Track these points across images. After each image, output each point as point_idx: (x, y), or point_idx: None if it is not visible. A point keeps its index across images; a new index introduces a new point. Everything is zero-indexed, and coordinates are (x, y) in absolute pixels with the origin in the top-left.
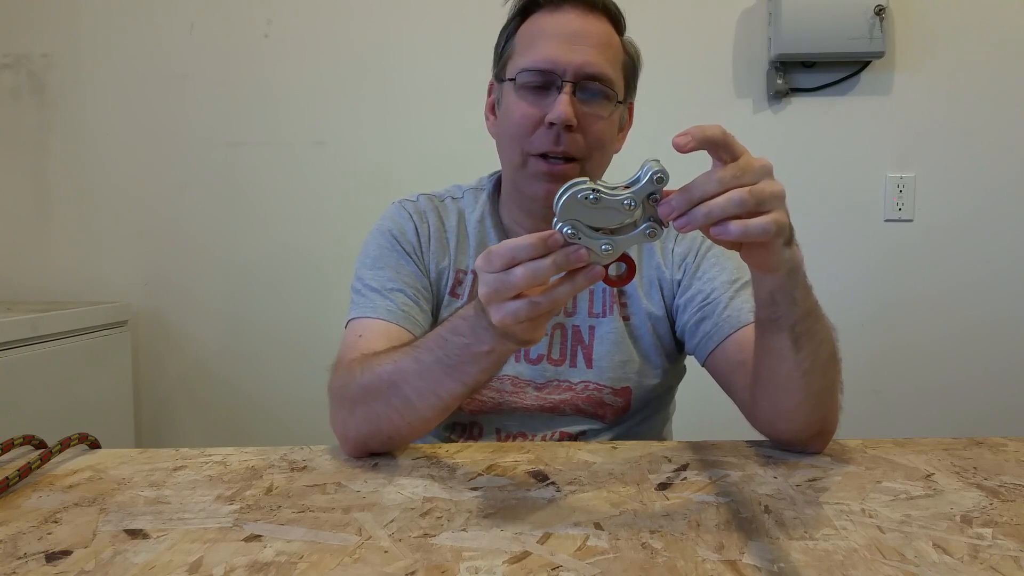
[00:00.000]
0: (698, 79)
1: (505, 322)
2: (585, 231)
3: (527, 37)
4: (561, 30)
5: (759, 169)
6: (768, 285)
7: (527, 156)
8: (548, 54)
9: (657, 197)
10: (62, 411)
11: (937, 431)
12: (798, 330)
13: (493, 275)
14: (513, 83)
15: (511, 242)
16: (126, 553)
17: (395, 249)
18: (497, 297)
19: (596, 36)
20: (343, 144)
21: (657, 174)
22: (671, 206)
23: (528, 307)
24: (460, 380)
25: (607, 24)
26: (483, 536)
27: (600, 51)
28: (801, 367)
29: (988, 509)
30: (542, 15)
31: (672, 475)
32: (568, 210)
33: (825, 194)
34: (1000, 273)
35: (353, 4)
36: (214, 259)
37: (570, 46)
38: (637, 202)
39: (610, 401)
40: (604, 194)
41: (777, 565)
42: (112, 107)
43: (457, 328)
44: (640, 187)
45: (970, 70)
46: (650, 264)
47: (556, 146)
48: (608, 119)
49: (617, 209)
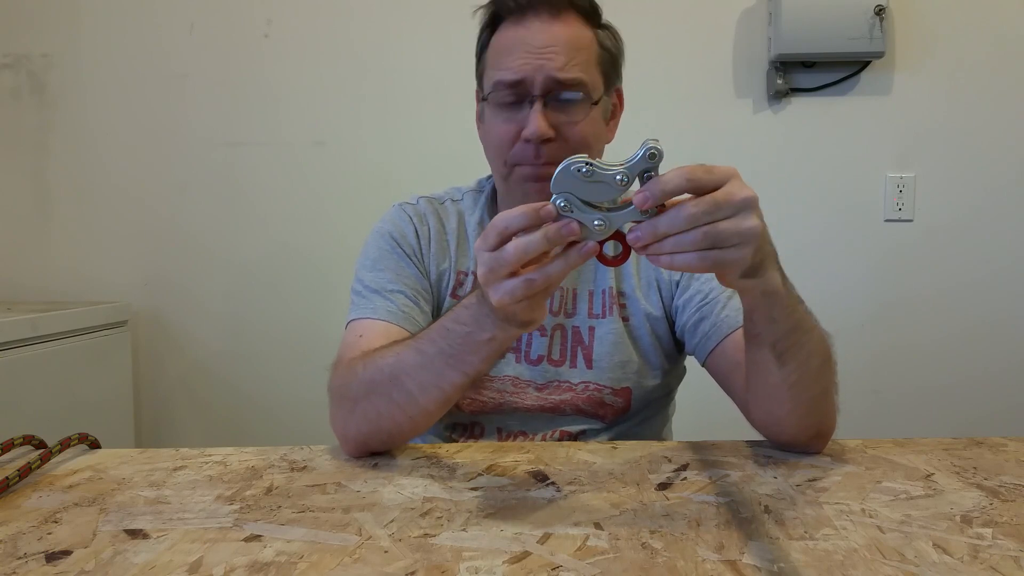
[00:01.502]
0: (698, 79)
1: (503, 302)
2: (578, 205)
3: (495, 52)
4: (526, 42)
5: (737, 204)
6: (745, 303)
7: (512, 166)
8: (514, 70)
9: (652, 174)
10: (62, 411)
11: (937, 431)
12: (780, 347)
13: (488, 254)
14: (488, 101)
15: (504, 213)
16: (126, 553)
17: (395, 251)
18: (493, 276)
19: (563, 41)
20: (343, 144)
21: (651, 151)
22: (637, 235)
23: (523, 284)
24: (461, 370)
25: (576, 22)
26: (483, 536)
27: (568, 56)
28: (788, 380)
29: (988, 509)
30: (508, 27)
31: (672, 475)
32: (562, 182)
33: (825, 194)
34: (1000, 273)
35: (353, 4)
36: (214, 259)
37: (536, 59)
38: (630, 178)
39: (610, 401)
40: (597, 168)
41: (777, 565)
42: (112, 107)
43: (459, 317)
44: (634, 163)
45: (970, 70)
46: (648, 265)
47: (536, 159)
48: (587, 120)
49: (610, 184)
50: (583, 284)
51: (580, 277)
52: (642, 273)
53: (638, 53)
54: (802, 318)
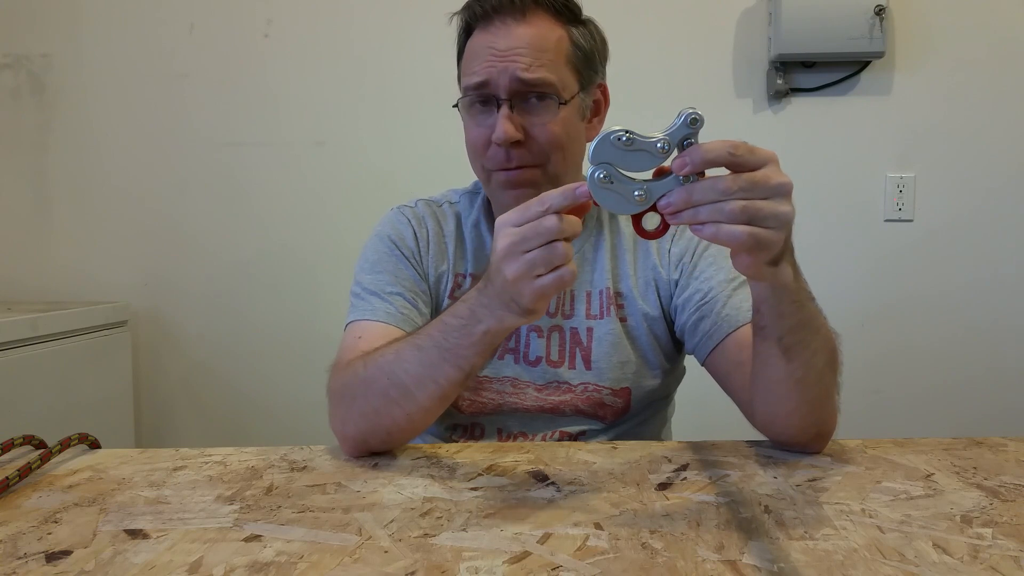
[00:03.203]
0: (698, 79)
1: (520, 273)
2: (618, 176)
3: (466, 58)
4: (491, 46)
5: (774, 187)
6: (755, 293)
7: (489, 172)
8: (480, 73)
9: (692, 140)
10: (62, 411)
11: (937, 431)
12: (786, 342)
13: (514, 228)
14: (459, 107)
15: (547, 192)
16: (126, 553)
17: (393, 253)
18: (516, 249)
19: (528, 43)
20: (343, 144)
21: (692, 116)
22: (669, 201)
23: (545, 253)
24: (456, 364)
25: (545, 22)
26: (483, 536)
27: (533, 57)
28: (793, 376)
29: (988, 509)
30: (477, 33)
31: (672, 475)
32: (601, 153)
33: (825, 194)
34: (1000, 273)
35: (353, 4)
36: (214, 259)
37: (499, 62)
38: (671, 146)
39: (610, 402)
40: (637, 137)
41: (777, 565)
42: (112, 107)
43: (456, 311)
44: (675, 130)
45: (970, 70)
46: (646, 265)
47: (508, 162)
48: (558, 120)
49: (651, 152)
50: (580, 285)
51: (577, 278)
52: (640, 273)
53: (638, 53)
54: (811, 315)
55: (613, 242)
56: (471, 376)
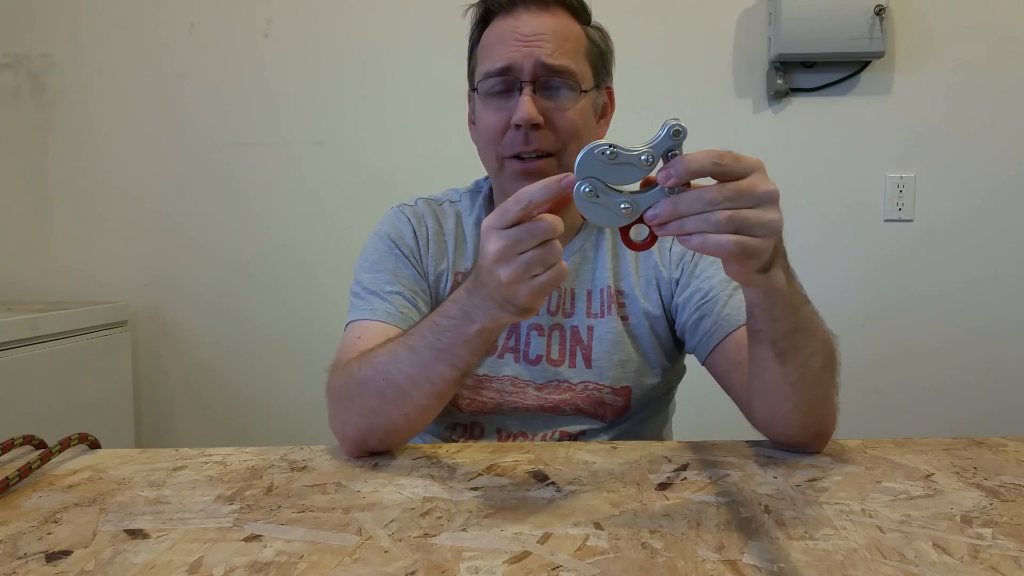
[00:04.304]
0: (698, 79)
1: (516, 276)
2: (603, 189)
3: (486, 45)
4: (515, 32)
5: (760, 195)
6: (748, 298)
7: (502, 160)
8: (504, 57)
9: (676, 152)
10: (62, 411)
11: (937, 431)
12: (780, 346)
13: (505, 231)
14: (479, 92)
15: (525, 188)
16: (126, 553)
17: (393, 252)
18: (510, 252)
19: (551, 31)
20: (343, 144)
21: (674, 128)
22: (656, 212)
23: (541, 253)
24: (451, 363)
25: (565, 17)
26: (483, 536)
27: (557, 44)
28: (788, 379)
29: (988, 509)
30: (498, 21)
31: (672, 475)
32: (585, 167)
33: (825, 194)
34: (1000, 273)
35: (353, 4)
36: (214, 259)
37: (524, 46)
38: (655, 158)
39: (610, 401)
40: (621, 150)
41: (777, 565)
42: (112, 107)
43: (447, 311)
44: (658, 143)
45: (970, 70)
46: (647, 264)
47: (527, 146)
48: (577, 109)
49: (635, 165)
50: (581, 284)
51: (578, 277)
52: (641, 272)
53: (638, 53)
54: (806, 319)
55: (614, 241)
56: (468, 373)
